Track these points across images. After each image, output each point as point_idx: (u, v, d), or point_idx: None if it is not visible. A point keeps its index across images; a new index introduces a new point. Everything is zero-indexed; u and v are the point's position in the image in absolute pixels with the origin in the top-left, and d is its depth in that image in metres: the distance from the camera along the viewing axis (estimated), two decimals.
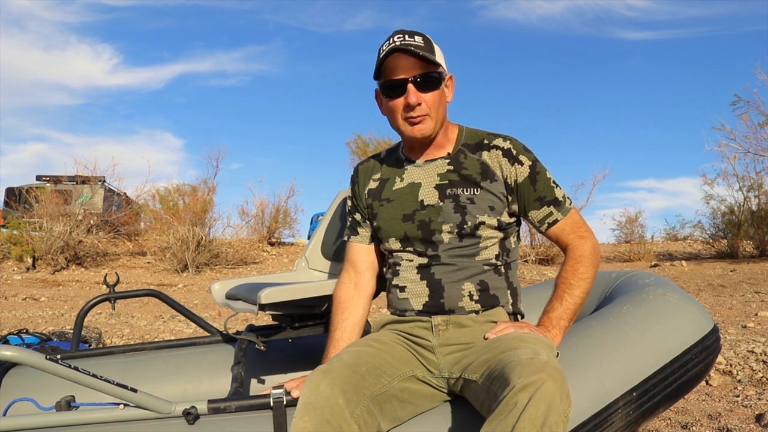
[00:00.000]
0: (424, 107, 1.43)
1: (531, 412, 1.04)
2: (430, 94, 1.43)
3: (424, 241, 1.49)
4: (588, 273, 1.47)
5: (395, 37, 1.41)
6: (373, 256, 1.63)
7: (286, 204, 15.27)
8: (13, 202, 13.25)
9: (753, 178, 10.80)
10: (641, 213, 14.10)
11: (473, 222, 1.45)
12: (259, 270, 11.55)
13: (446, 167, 1.51)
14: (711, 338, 1.58)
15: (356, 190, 1.63)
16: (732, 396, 2.73)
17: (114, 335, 4.90)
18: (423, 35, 1.43)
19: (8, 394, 1.87)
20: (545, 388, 1.06)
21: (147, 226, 14.03)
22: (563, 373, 1.13)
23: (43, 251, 11.21)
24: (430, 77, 1.42)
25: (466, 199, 1.46)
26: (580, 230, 1.52)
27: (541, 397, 1.05)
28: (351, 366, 1.31)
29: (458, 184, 1.48)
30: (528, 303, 1.78)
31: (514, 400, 1.07)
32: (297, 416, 1.23)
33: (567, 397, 1.09)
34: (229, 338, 2.16)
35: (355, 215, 1.63)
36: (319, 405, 1.22)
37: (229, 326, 2.31)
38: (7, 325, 5.33)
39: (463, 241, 1.47)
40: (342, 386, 1.25)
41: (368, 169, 1.63)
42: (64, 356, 2.04)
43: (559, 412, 1.06)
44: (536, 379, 1.07)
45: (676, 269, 9.50)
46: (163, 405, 1.40)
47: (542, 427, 1.04)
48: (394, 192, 1.55)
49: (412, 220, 1.50)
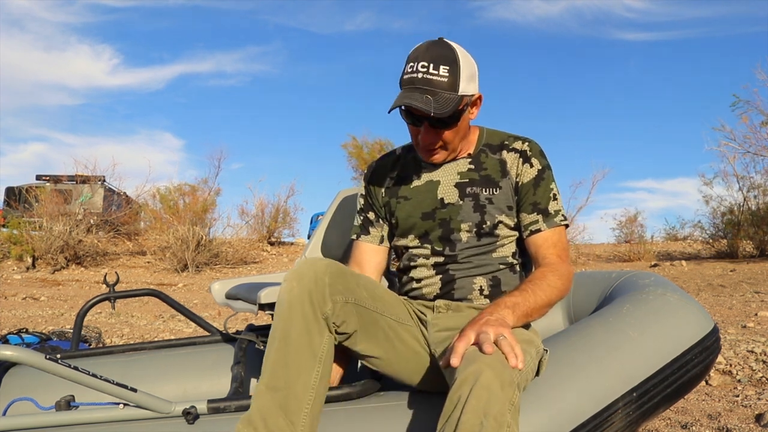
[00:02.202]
0: (440, 142, 1.41)
1: (473, 404, 1.03)
2: (449, 131, 1.40)
3: (442, 239, 1.49)
4: (557, 285, 1.34)
5: (420, 64, 1.34)
6: (381, 257, 1.60)
7: (286, 204, 15.31)
8: (13, 201, 13.25)
9: (753, 177, 10.82)
10: (641, 213, 14.14)
11: (492, 222, 1.46)
12: (259, 270, 11.55)
13: (467, 166, 1.50)
14: (711, 338, 1.58)
15: (371, 188, 1.60)
16: (732, 396, 2.73)
17: (114, 335, 4.90)
18: (451, 62, 1.34)
19: (8, 394, 1.87)
20: (483, 378, 1.05)
21: (147, 226, 14.03)
22: (505, 361, 1.10)
23: (43, 251, 11.21)
24: (450, 117, 1.37)
25: (485, 199, 1.46)
26: (560, 251, 1.44)
27: (480, 387, 1.04)
28: (353, 276, 1.37)
29: (478, 183, 1.48)
30: None
31: (457, 395, 1.06)
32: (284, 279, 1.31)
33: (510, 385, 1.07)
34: (229, 338, 2.16)
35: (368, 214, 1.60)
36: (306, 277, 1.28)
37: (229, 326, 2.31)
38: (6, 325, 5.33)
39: (480, 240, 1.47)
40: (333, 275, 1.31)
41: (384, 167, 1.60)
42: (64, 356, 2.04)
43: (502, 401, 1.04)
44: (474, 370, 1.06)
45: (676, 269, 9.50)
46: (163, 405, 1.40)
47: (485, 416, 1.02)
48: (412, 190, 1.53)
49: (432, 218, 1.49)
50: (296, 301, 1.27)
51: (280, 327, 1.28)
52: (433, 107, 1.31)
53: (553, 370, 1.38)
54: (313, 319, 1.28)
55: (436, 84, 1.33)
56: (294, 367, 1.26)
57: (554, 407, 1.31)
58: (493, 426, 1.02)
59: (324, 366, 1.30)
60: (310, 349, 1.28)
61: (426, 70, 1.33)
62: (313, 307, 1.28)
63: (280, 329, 1.28)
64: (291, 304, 1.28)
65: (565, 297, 1.39)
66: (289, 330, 1.27)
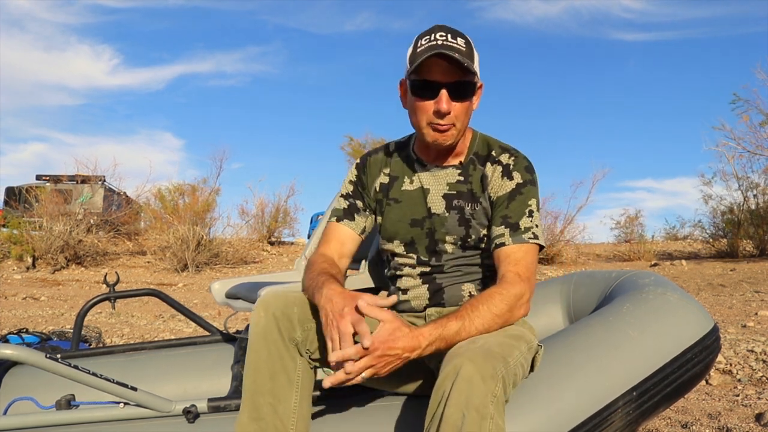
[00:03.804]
0: (453, 116, 1.35)
1: (455, 397, 1.05)
2: (462, 103, 1.35)
3: (428, 249, 1.47)
4: (500, 310, 1.25)
5: (437, 34, 1.31)
6: (356, 247, 1.54)
7: (286, 203, 15.29)
8: (13, 201, 13.25)
9: (752, 177, 10.83)
10: (641, 212, 14.14)
11: (477, 236, 1.43)
12: (259, 269, 11.55)
13: (456, 177, 1.46)
14: (711, 338, 1.58)
15: (364, 180, 1.55)
16: (732, 395, 2.73)
17: (114, 335, 4.90)
18: (465, 37, 1.34)
19: (9, 393, 1.87)
20: (463, 371, 1.06)
21: (147, 226, 14.03)
22: (488, 354, 1.11)
23: (43, 251, 11.21)
24: (466, 86, 1.34)
25: (469, 214, 1.43)
26: (521, 269, 1.32)
27: (461, 380, 1.05)
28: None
29: (464, 197, 1.44)
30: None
31: (441, 391, 1.08)
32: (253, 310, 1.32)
33: (492, 378, 1.07)
34: (229, 337, 2.16)
35: (357, 202, 1.54)
36: (272, 305, 1.29)
37: (228, 325, 2.31)
38: (7, 325, 5.33)
39: (466, 252, 1.46)
40: (303, 305, 1.32)
41: (379, 162, 1.55)
42: (64, 355, 2.04)
43: (484, 393, 1.05)
44: (455, 364, 1.08)
45: (675, 269, 9.50)
46: (163, 403, 1.40)
47: (467, 409, 1.04)
48: (403, 193, 1.50)
49: (421, 226, 1.47)
50: (264, 330, 1.28)
51: (253, 358, 1.29)
52: (464, 60, 1.28)
53: (553, 370, 1.38)
54: (283, 347, 1.29)
55: (457, 50, 1.30)
56: (272, 395, 1.27)
57: (554, 406, 1.31)
58: (475, 418, 1.03)
59: (302, 389, 1.30)
60: (285, 376, 1.28)
61: (445, 38, 1.31)
62: (282, 335, 1.28)
63: (252, 360, 1.29)
64: (259, 334, 1.29)
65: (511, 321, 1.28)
66: (262, 359, 1.28)
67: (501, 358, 1.14)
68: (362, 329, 1.14)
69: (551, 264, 11.25)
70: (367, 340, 1.12)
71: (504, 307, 1.26)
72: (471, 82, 1.34)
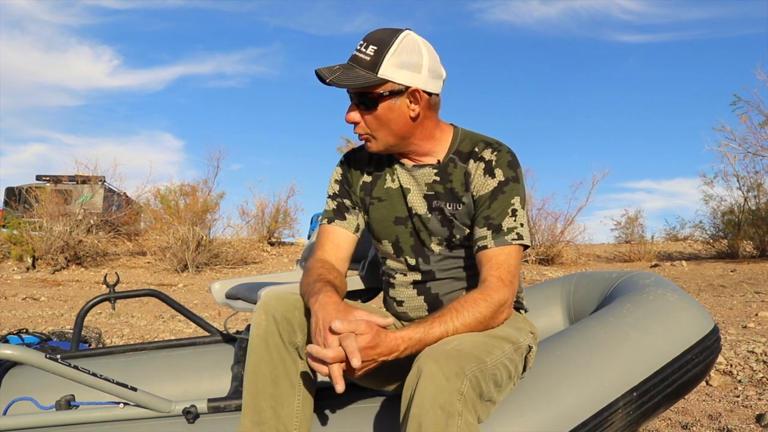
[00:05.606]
0: (363, 126, 1.36)
1: (420, 395, 1.06)
2: (371, 114, 1.34)
3: (415, 249, 1.45)
4: (483, 317, 1.24)
5: (358, 44, 1.33)
6: (353, 247, 1.51)
7: (286, 204, 15.27)
8: (13, 201, 13.25)
9: (753, 177, 10.83)
10: (641, 213, 14.14)
11: (461, 234, 1.41)
12: (259, 270, 11.55)
13: (433, 177, 1.42)
14: (711, 338, 1.58)
15: (349, 177, 1.52)
16: (732, 396, 2.73)
17: (114, 335, 4.90)
18: (380, 45, 1.30)
19: (8, 394, 1.87)
20: (426, 369, 1.08)
21: (147, 226, 14.03)
22: (456, 354, 1.12)
23: (43, 251, 11.21)
24: (365, 98, 1.32)
25: (450, 214, 1.40)
26: (503, 273, 1.30)
27: (424, 379, 1.07)
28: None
29: (444, 197, 1.41)
30: (527, 303, 1.78)
31: (409, 391, 1.10)
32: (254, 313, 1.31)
33: (457, 376, 1.07)
34: (229, 338, 2.16)
35: (345, 200, 1.51)
36: (273, 308, 1.29)
37: (229, 326, 2.31)
38: (7, 325, 5.33)
39: (453, 252, 1.44)
40: (304, 309, 1.30)
41: (361, 159, 1.52)
42: (64, 356, 2.04)
43: (449, 391, 1.06)
44: (420, 364, 1.10)
45: (676, 269, 9.50)
46: (163, 404, 1.40)
47: (432, 407, 1.05)
48: (385, 191, 1.48)
49: (404, 225, 1.46)
50: (265, 333, 1.28)
51: (254, 360, 1.29)
52: (335, 76, 1.28)
53: (553, 370, 1.38)
54: (285, 350, 1.28)
55: (358, 61, 1.31)
56: (274, 399, 1.27)
57: (554, 407, 1.31)
58: (440, 416, 1.04)
59: (304, 392, 1.31)
60: (287, 379, 1.28)
61: (359, 49, 1.32)
62: (283, 338, 1.28)
63: (253, 362, 1.29)
64: (260, 336, 1.28)
65: (492, 325, 1.28)
66: (264, 362, 1.28)
67: (474, 357, 1.14)
68: (349, 346, 1.10)
69: (551, 264, 11.25)
70: (357, 360, 1.09)
71: (488, 314, 1.25)
72: (371, 93, 1.31)
